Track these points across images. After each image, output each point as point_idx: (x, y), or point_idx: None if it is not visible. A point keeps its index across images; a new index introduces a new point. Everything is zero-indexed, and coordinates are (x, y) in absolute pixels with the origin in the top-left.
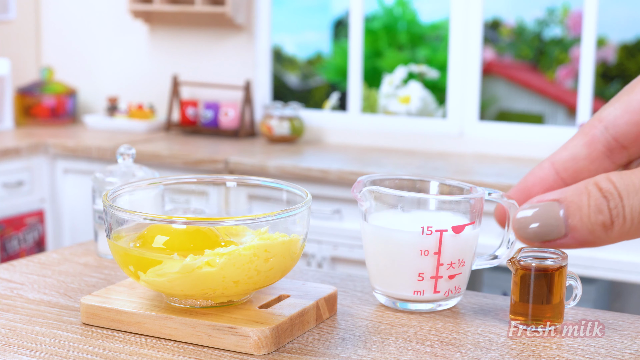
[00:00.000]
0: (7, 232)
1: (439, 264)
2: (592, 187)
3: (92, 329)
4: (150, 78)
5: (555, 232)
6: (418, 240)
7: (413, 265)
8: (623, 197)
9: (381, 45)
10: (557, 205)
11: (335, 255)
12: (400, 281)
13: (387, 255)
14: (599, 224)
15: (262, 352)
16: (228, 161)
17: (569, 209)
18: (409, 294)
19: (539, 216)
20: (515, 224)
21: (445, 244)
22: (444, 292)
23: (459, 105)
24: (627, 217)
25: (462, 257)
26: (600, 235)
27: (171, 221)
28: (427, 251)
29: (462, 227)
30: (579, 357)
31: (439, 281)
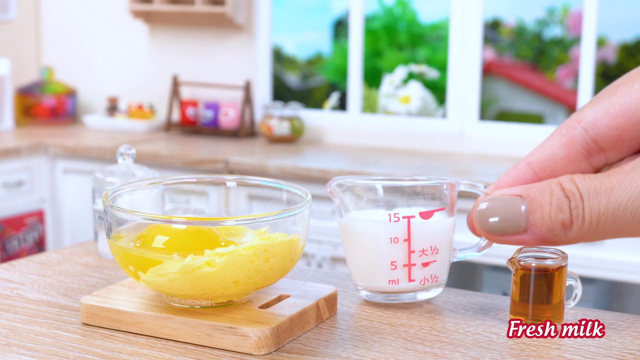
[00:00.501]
0: (7, 232)
1: (410, 250)
2: (555, 186)
3: (92, 329)
4: (150, 78)
5: (516, 227)
6: (386, 228)
7: (384, 254)
8: (584, 199)
9: (381, 45)
10: (520, 201)
11: (335, 255)
12: (375, 272)
13: (359, 246)
14: (558, 223)
15: (262, 352)
16: (228, 161)
17: (531, 206)
18: (384, 285)
19: (501, 209)
20: (476, 215)
21: (415, 230)
22: (419, 281)
23: (459, 105)
24: (587, 218)
25: (434, 244)
26: (559, 234)
27: (171, 221)
28: (397, 238)
29: (430, 212)
30: (579, 357)
31: (412, 269)
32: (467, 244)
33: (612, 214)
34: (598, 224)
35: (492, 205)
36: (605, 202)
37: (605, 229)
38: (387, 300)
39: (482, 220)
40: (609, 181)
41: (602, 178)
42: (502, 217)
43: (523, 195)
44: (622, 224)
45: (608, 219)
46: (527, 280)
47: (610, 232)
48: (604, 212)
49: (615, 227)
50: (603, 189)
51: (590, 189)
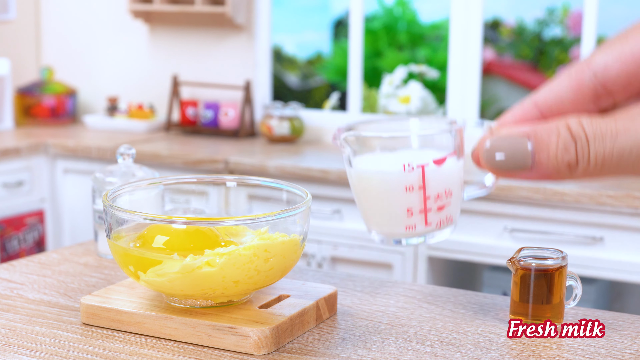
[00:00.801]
0: (7, 232)
1: (426, 197)
2: (562, 127)
3: (92, 329)
4: (150, 78)
5: (522, 165)
6: (401, 177)
7: (401, 203)
8: (590, 142)
9: (381, 45)
10: (526, 140)
11: (335, 255)
12: (391, 219)
13: (374, 196)
14: (564, 163)
15: (262, 352)
16: (228, 161)
17: (538, 145)
18: (401, 230)
19: (507, 147)
20: (482, 152)
21: (429, 177)
22: (435, 224)
23: (459, 105)
24: (592, 160)
25: (448, 188)
26: (564, 173)
27: (171, 221)
28: (412, 187)
29: (442, 159)
30: (579, 357)
31: (428, 214)
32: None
33: (617, 157)
34: (603, 166)
35: (498, 143)
36: (610, 146)
37: (610, 170)
38: (404, 243)
39: (488, 158)
40: (614, 125)
41: (609, 122)
42: (509, 155)
43: (530, 135)
44: (626, 166)
45: (613, 161)
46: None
47: (614, 172)
48: (609, 156)
49: (619, 169)
50: (609, 133)
51: (597, 132)
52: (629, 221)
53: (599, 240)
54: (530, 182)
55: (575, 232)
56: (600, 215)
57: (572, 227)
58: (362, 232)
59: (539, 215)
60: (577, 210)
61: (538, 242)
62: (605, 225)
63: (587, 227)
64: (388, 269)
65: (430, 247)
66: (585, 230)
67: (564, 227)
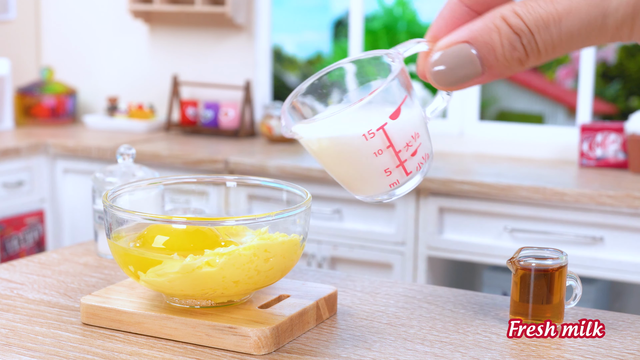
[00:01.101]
0: (7, 232)
1: (397, 152)
2: (500, 23)
3: (92, 329)
4: (150, 78)
5: (472, 73)
6: (367, 146)
7: (376, 168)
8: (534, 33)
9: (381, 45)
10: (468, 47)
11: (335, 255)
12: (373, 184)
13: (345, 169)
14: (515, 60)
15: (262, 352)
16: (228, 161)
17: (482, 50)
18: (386, 189)
19: (452, 60)
20: (430, 73)
21: (392, 134)
22: (415, 168)
23: (459, 105)
24: (542, 50)
25: (414, 132)
26: (516, 69)
27: (171, 221)
28: (380, 150)
29: (397, 110)
30: (579, 357)
31: (405, 165)
32: None
33: (567, 42)
34: (554, 52)
35: (441, 59)
36: (557, 32)
37: (562, 52)
38: (393, 197)
39: (437, 76)
40: (554, 9)
41: (546, 6)
42: (456, 67)
43: (470, 40)
44: (577, 45)
45: (563, 46)
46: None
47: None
48: (557, 42)
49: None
50: (551, 20)
51: (538, 21)
52: (629, 221)
53: (599, 240)
54: (530, 182)
55: (575, 232)
56: (600, 215)
57: (572, 227)
58: (362, 232)
59: (539, 215)
60: (577, 210)
61: (538, 242)
62: (605, 225)
63: (587, 227)
64: (388, 269)
65: (430, 247)
66: (585, 230)
67: (564, 227)
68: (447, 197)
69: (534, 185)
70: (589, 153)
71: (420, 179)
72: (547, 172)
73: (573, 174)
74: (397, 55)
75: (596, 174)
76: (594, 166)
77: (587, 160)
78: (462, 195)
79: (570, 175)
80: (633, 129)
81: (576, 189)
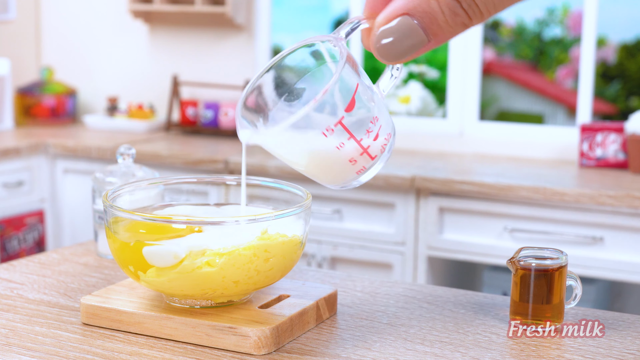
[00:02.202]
0: (7, 232)
1: (358, 141)
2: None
3: (92, 329)
4: (150, 78)
5: (418, 43)
6: (328, 142)
7: (341, 160)
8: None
9: None
10: (408, 18)
11: (335, 255)
12: (341, 174)
13: (311, 164)
14: (459, 25)
15: (262, 352)
16: (228, 161)
17: (424, 20)
18: (353, 176)
19: (396, 34)
20: (378, 50)
21: (350, 125)
22: (379, 151)
23: (459, 105)
24: (483, 11)
25: (372, 117)
26: (462, 31)
27: (171, 221)
28: (342, 143)
29: (351, 102)
30: (579, 357)
31: (369, 150)
32: None
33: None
34: (495, 9)
35: (384, 34)
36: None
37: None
38: (362, 181)
39: (383, 51)
40: None
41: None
42: (401, 39)
43: (409, 12)
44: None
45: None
46: (527, 281)
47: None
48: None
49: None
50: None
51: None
52: (629, 221)
53: (599, 240)
54: (530, 182)
55: (575, 232)
56: (600, 215)
57: (572, 227)
58: (362, 232)
59: (539, 215)
60: (577, 210)
61: (538, 242)
62: (605, 225)
63: (587, 227)
64: (388, 269)
65: (431, 247)
66: (585, 230)
67: (564, 227)
68: (447, 197)
69: (534, 185)
70: (589, 153)
71: (387, 157)
72: (547, 172)
73: (573, 174)
74: (339, 40)
75: (596, 174)
76: (594, 166)
77: (587, 160)
78: (462, 195)
79: (570, 175)
80: (633, 129)
81: (576, 189)
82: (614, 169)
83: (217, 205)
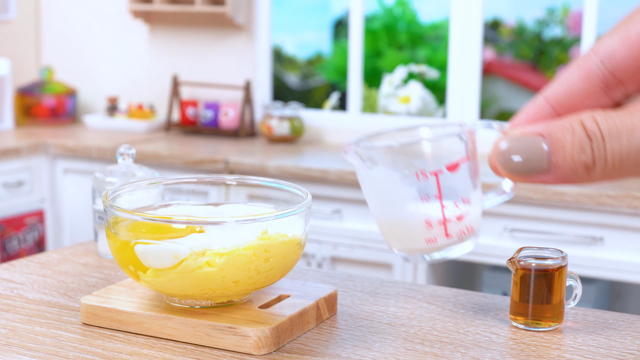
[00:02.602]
0: (7, 232)
1: (443, 206)
2: (577, 125)
3: (92, 329)
4: (150, 78)
5: (538, 167)
6: (416, 187)
7: (418, 214)
8: (605, 139)
9: (381, 45)
10: (541, 140)
11: (335, 255)
12: (411, 232)
13: (391, 210)
14: (581, 164)
15: (262, 352)
16: (228, 161)
17: (553, 146)
18: (422, 245)
19: (522, 149)
20: (498, 156)
21: (444, 184)
22: (456, 236)
23: (459, 105)
24: (609, 159)
25: (465, 196)
26: (582, 176)
27: (171, 221)
28: (427, 196)
29: (456, 164)
30: (579, 357)
31: (448, 225)
32: None
33: (635, 155)
34: (621, 165)
35: (513, 145)
36: (627, 143)
37: (629, 169)
38: (427, 258)
39: (504, 161)
40: (630, 120)
41: (623, 116)
42: (524, 157)
43: (544, 134)
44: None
45: (630, 159)
46: (527, 281)
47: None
48: (626, 153)
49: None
50: (624, 129)
51: (612, 129)
52: (629, 221)
53: (599, 240)
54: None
55: (575, 232)
56: (600, 215)
57: (572, 227)
58: (362, 232)
59: (539, 215)
60: (577, 210)
61: (538, 242)
62: (605, 225)
63: (587, 227)
64: (388, 269)
65: None
66: (585, 230)
67: (564, 227)
68: None
69: (534, 185)
70: None
71: (461, 251)
72: None
73: None
74: (472, 126)
75: None
76: None
77: None
78: None
79: None
80: None
81: (576, 188)
82: None
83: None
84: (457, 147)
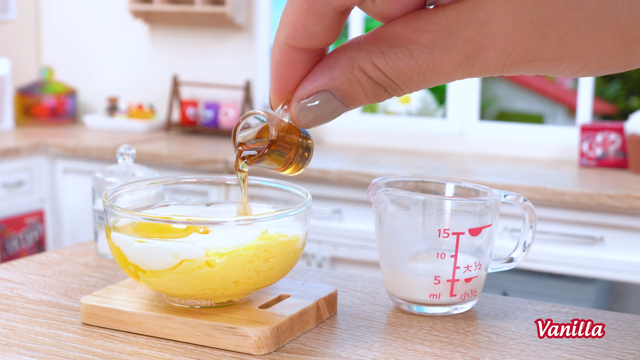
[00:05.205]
0: (7, 232)
1: (456, 267)
2: (359, 74)
3: (92, 329)
4: (150, 78)
5: (338, 112)
6: (434, 243)
7: (429, 269)
8: (399, 84)
9: None
10: (330, 94)
11: (335, 255)
12: (417, 285)
13: (402, 258)
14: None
15: (262, 352)
16: (228, 161)
17: (346, 97)
18: (424, 298)
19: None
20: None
21: (462, 246)
22: (460, 296)
23: (459, 105)
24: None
25: (478, 260)
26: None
27: (171, 221)
28: (444, 254)
29: (479, 229)
30: (579, 357)
31: (455, 284)
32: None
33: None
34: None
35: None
36: (422, 84)
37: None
38: (422, 311)
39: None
40: (415, 64)
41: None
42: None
43: (331, 90)
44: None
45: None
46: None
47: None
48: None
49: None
50: (415, 74)
51: (401, 75)
52: (629, 221)
53: (599, 240)
54: (530, 182)
55: (575, 232)
56: (600, 215)
57: (572, 227)
58: (362, 232)
59: (539, 215)
60: (577, 210)
61: (538, 241)
62: (605, 225)
63: (587, 227)
64: None
65: None
66: (585, 230)
67: (564, 227)
68: None
69: (534, 185)
70: (589, 153)
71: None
72: (547, 172)
73: (573, 174)
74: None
75: (596, 174)
76: (594, 166)
77: (587, 160)
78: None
79: (570, 175)
80: (633, 129)
81: (576, 189)
82: (614, 169)
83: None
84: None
